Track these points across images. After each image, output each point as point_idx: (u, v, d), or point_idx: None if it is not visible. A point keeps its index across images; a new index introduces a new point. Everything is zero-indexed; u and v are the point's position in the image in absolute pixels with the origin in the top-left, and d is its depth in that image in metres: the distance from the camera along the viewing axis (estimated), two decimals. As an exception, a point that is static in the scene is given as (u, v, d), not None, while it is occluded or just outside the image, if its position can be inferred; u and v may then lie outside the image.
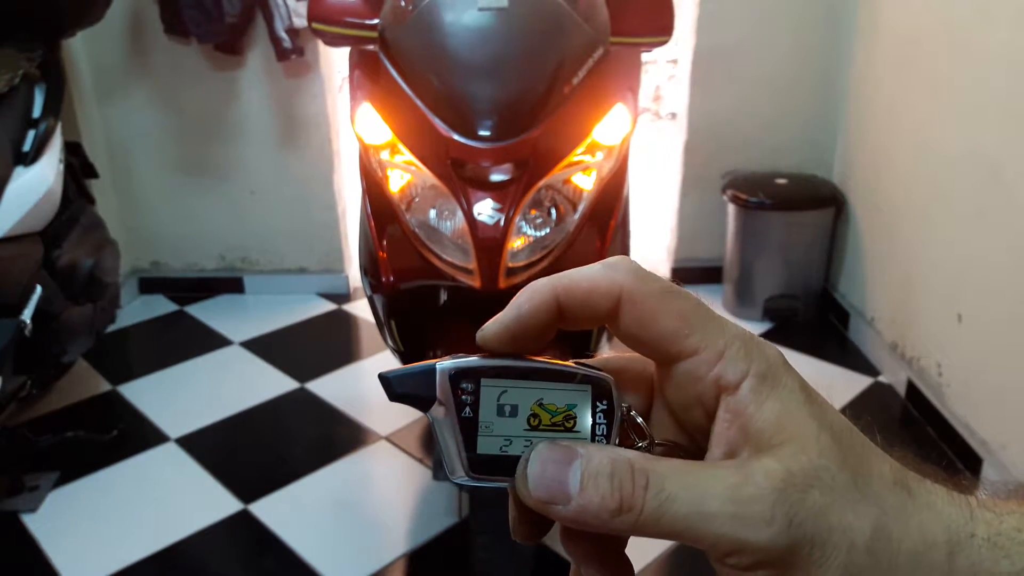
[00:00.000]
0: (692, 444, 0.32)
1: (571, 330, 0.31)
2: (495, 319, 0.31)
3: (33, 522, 1.97)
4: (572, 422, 0.31)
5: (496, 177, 1.43)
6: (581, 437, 0.31)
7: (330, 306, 3.14)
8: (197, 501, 2.04)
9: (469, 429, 0.30)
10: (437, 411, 0.30)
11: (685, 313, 0.30)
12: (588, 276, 0.30)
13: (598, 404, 0.31)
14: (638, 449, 0.31)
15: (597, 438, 0.31)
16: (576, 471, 0.28)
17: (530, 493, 0.28)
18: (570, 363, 0.32)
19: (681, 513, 0.26)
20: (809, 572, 0.26)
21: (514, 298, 0.31)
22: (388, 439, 2.27)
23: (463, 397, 0.30)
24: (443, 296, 1.71)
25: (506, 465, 0.30)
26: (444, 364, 0.30)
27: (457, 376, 0.30)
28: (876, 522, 0.27)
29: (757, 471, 0.27)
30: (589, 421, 0.31)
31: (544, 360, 0.31)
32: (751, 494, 0.26)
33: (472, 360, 0.31)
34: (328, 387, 2.55)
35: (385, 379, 0.31)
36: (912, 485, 0.28)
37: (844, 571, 0.26)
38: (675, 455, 0.30)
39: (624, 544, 0.33)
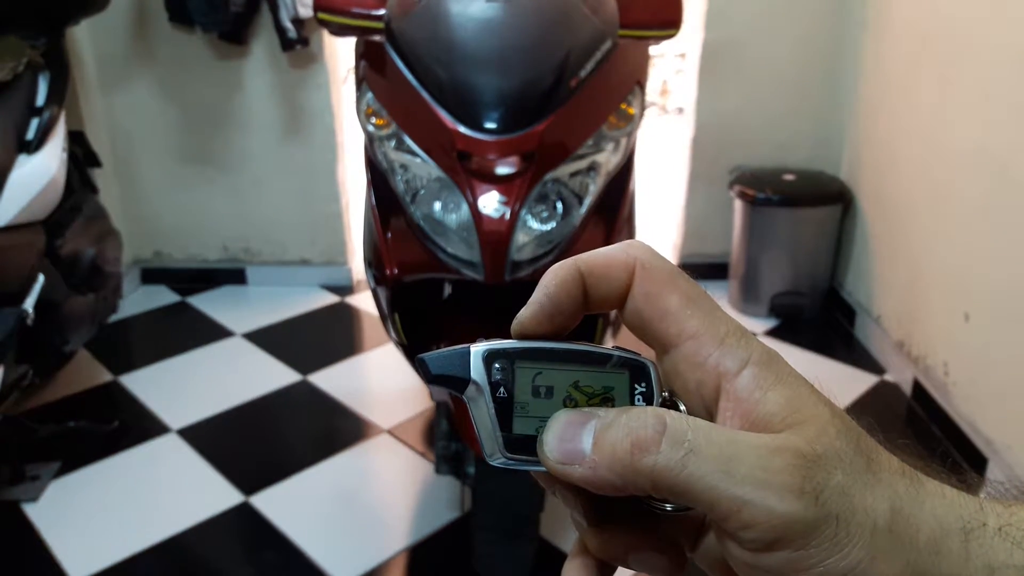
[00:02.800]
0: None
1: (592, 312, 0.31)
2: (527, 304, 0.31)
3: (34, 512, 1.96)
4: (610, 404, 0.30)
5: (502, 170, 1.42)
6: None
7: (333, 298, 3.13)
8: (198, 493, 2.04)
9: (504, 409, 0.30)
10: (472, 392, 0.30)
11: (691, 295, 0.30)
12: (606, 251, 0.31)
13: (636, 387, 0.31)
14: None
15: None
16: (590, 429, 0.28)
17: (547, 455, 0.28)
18: (608, 347, 0.32)
19: (705, 469, 0.26)
20: (831, 552, 0.25)
21: (540, 281, 0.31)
22: (390, 432, 2.26)
23: (498, 378, 0.30)
24: (447, 289, 1.70)
25: None
26: (479, 346, 0.31)
27: (491, 357, 0.30)
28: (893, 504, 0.26)
29: (785, 446, 0.26)
30: (627, 403, 0.30)
31: (580, 343, 0.31)
32: (782, 464, 0.26)
33: (507, 342, 0.31)
34: (330, 380, 2.54)
35: (422, 361, 0.31)
36: (919, 476, 0.28)
37: (867, 551, 0.25)
38: None
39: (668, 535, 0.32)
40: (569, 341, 0.31)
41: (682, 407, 0.31)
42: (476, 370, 0.30)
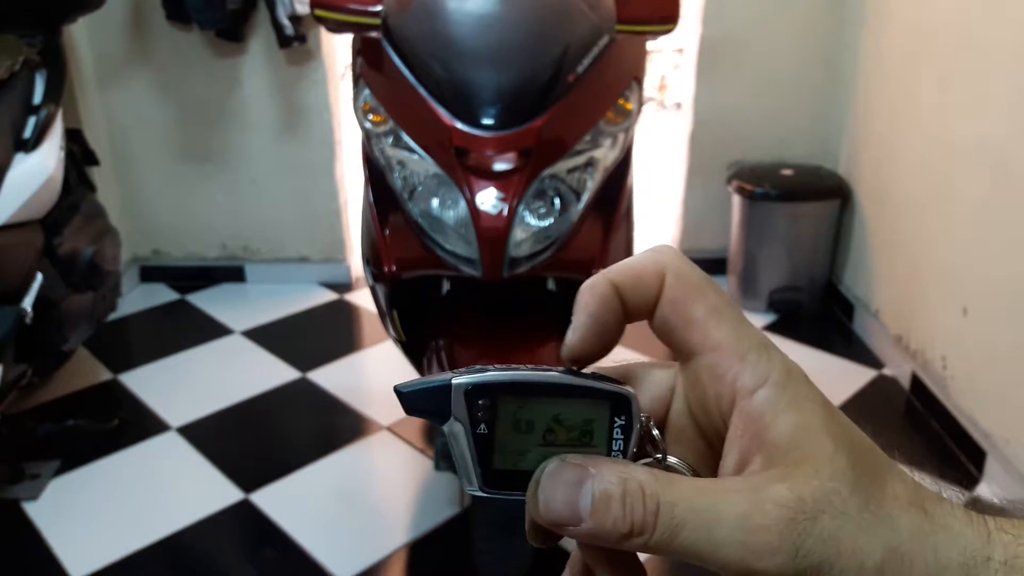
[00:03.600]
0: (709, 450, 0.31)
1: (629, 322, 0.31)
2: (571, 330, 0.31)
3: (34, 510, 1.96)
4: (589, 437, 0.30)
5: (499, 166, 1.42)
6: (597, 451, 0.30)
7: (332, 295, 3.13)
8: (198, 490, 2.04)
9: (484, 445, 0.30)
10: (453, 427, 0.30)
11: (717, 305, 0.30)
12: (635, 260, 0.31)
13: (616, 420, 0.30)
14: (652, 462, 0.31)
15: (613, 453, 0.30)
16: (587, 492, 0.27)
17: (541, 515, 0.28)
18: (590, 376, 0.31)
19: (691, 539, 0.26)
20: None
21: (576, 304, 0.31)
22: (389, 429, 2.26)
23: (479, 413, 0.30)
24: (445, 286, 1.70)
25: (521, 480, 0.30)
26: (460, 380, 0.30)
27: (473, 392, 0.30)
28: (888, 544, 0.26)
29: (767, 498, 0.26)
30: (606, 436, 0.30)
31: (562, 372, 0.31)
32: (759, 523, 0.26)
33: (488, 375, 0.30)
34: (329, 377, 2.54)
35: (401, 394, 0.30)
36: (928, 507, 0.28)
37: None
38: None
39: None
40: (549, 369, 0.31)
41: (656, 433, 0.31)
42: (457, 407, 0.30)
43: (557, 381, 0.31)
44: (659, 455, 0.31)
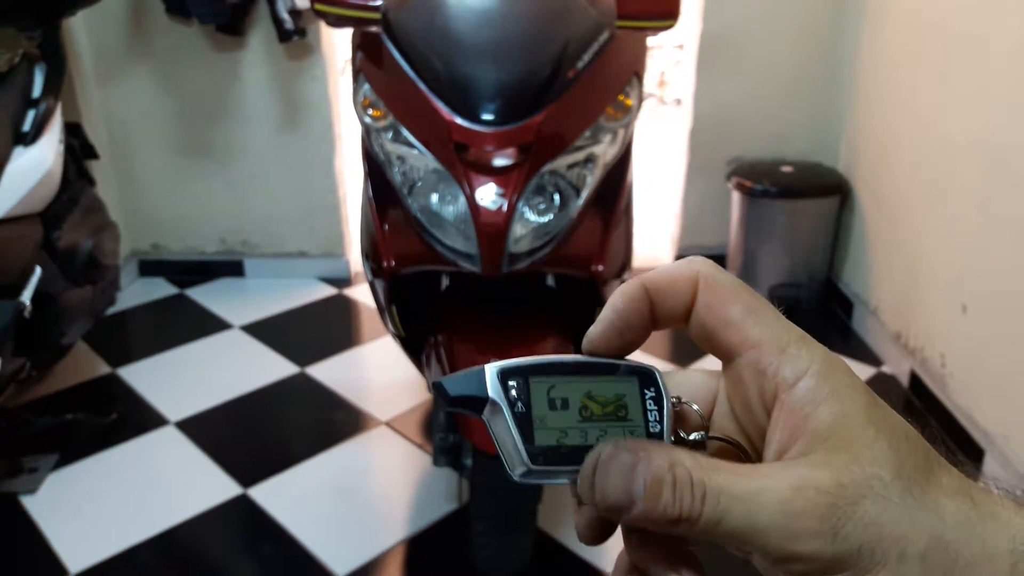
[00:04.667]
0: (754, 452, 0.32)
1: (660, 328, 0.33)
2: (595, 323, 0.32)
3: (32, 504, 1.96)
4: (624, 411, 0.32)
5: (499, 162, 1.42)
6: (635, 425, 0.31)
7: (331, 290, 3.13)
8: (196, 485, 2.04)
9: (524, 423, 0.31)
10: (491, 411, 0.31)
11: (753, 305, 0.31)
12: (669, 267, 0.32)
13: (646, 392, 0.32)
14: (691, 442, 0.32)
15: (651, 425, 0.31)
16: (640, 478, 0.28)
17: (597, 500, 0.29)
18: (610, 358, 0.33)
19: (735, 524, 0.27)
20: None
21: (608, 301, 0.32)
22: (388, 424, 2.26)
23: (514, 394, 0.31)
24: (444, 281, 1.70)
25: (565, 455, 0.31)
26: (492, 365, 0.31)
27: (505, 375, 0.31)
28: (932, 531, 0.26)
29: (808, 485, 0.27)
30: (640, 409, 0.32)
31: (585, 355, 0.33)
32: (801, 509, 0.27)
33: (517, 360, 0.32)
34: (328, 372, 2.54)
35: (439, 385, 0.32)
36: (976, 495, 0.28)
37: None
38: (730, 452, 0.31)
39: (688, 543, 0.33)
40: (570, 356, 0.33)
41: (696, 407, 0.33)
42: (493, 388, 0.31)
43: (581, 360, 0.32)
44: (697, 434, 0.32)
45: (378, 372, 2.60)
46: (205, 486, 2.03)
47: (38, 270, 1.87)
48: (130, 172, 3.11)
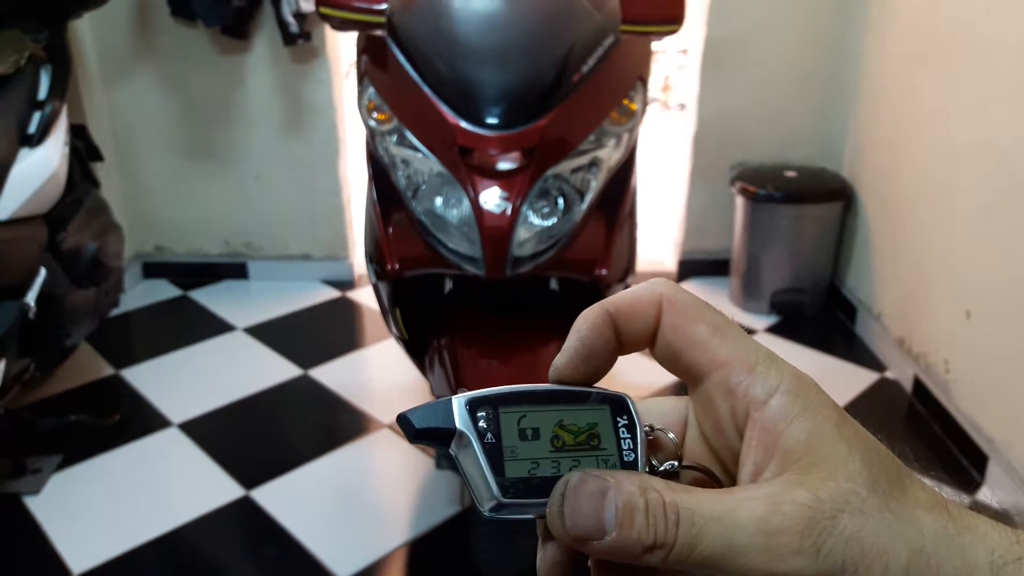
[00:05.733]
0: (726, 476, 0.31)
1: (626, 352, 0.32)
2: (561, 352, 0.32)
3: (35, 505, 1.97)
4: (597, 440, 0.31)
5: (503, 166, 1.42)
6: (609, 454, 0.30)
7: (334, 293, 3.13)
8: (199, 487, 2.04)
9: (495, 454, 0.30)
10: (460, 443, 0.30)
11: (718, 324, 0.30)
12: (632, 291, 0.32)
13: (618, 420, 0.31)
14: (664, 472, 0.31)
15: (625, 454, 0.31)
16: (611, 504, 0.27)
17: (566, 529, 0.28)
18: (581, 386, 0.32)
19: (711, 547, 0.26)
20: None
21: (572, 327, 0.32)
22: (391, 427, 2.26)
23: (483, 425, 0.30)
24: (448, 285, 1.70)
25: (536, 487, 0.29)
26: (459, 396, 0.30)
27: (474, 405, 0.30)
28: (913, 544, 0.26)
29: (785, 500, 0.26)
30: (613, 438, 0.31)
31: (556, 384, 0.32)
32: (779, 525, 0.26)
33: (485, 390, 0.31)
34: (331, 374, 2.54)
35: (404, 418, 0.31)
36: (952, 509, 0.28)
37: None
38: (704, 481, 0.30)
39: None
40: (544, 384, 0.32)
41: (671, 436, 0.32)
42: (461, 419, 0.30)
43: (552, 389, 0.31)
44: (675, 462, 0.31)
45: (381, 375, 2.60)
46: (208, 488, 2.03)
47: (43, 271, 1.88)
48: (135, 174, 3.12)
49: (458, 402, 0.30)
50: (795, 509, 0.26)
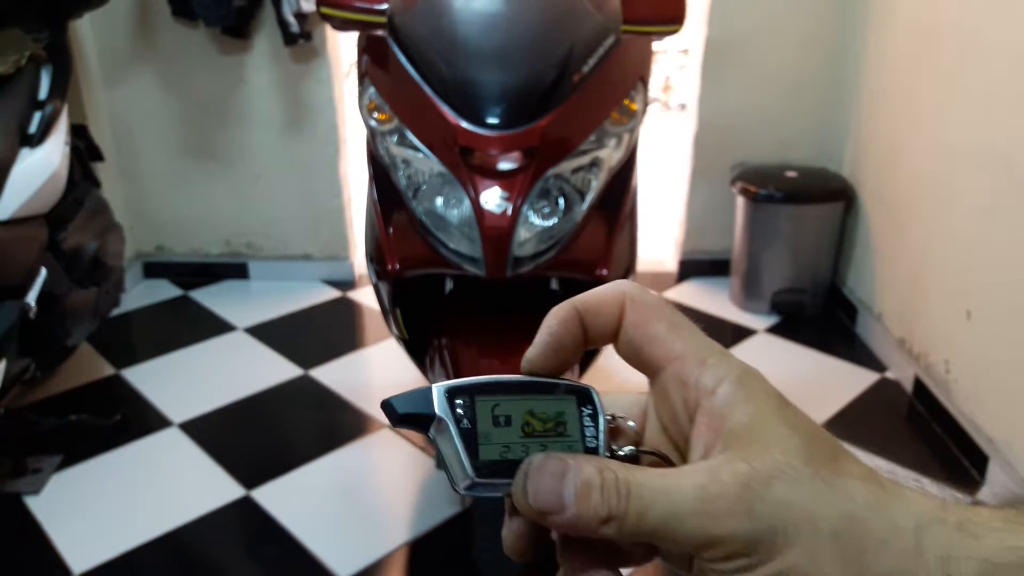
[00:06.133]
0: (681, 460, 0.34)
1: (592, 347, 0.35)
2: (533, 344, 0.35)
3: (36, 504, 1.97)
4: (563, 427, 0.34)
5: (504, 166, 1.42)
6: (573, 441, 0.33)
7: (335, 293, 3.13)
8: (199, 486, 2.04)
9: (469, 438, 0.32)
10: (438, 427, 0.33)
11: (675, 321, 0.33)
12: (599, 290, 0.35)
13: (583, 410, 0.34)
14: (623, 456, 0.34)
15: (588, 440, 0.33)
16: (571, 482, 0.30)
17: (529, 504, 0.31)
18: (552, 378, 0.35)
19: (657, 516, 0.29)
20: (769, 556, 0.28)
21: (543, 322, 0.35)
22: (391, 427, 2.26)
23: (460, 411, 0.33)
24: (449, 285, 1.70)
25: (507, 468, 0.32)
26: (438, 385, 0.33)
27: (452, 393, 0.33)
28: (843, 509, 0.28)
29: (724, 471, 0.29)
30: (578, 426, 0.34)
31: (529, 376, 0.35)
32: (717, 492, 0.28)
33: (463, 379, 0.33)
34: (332, 374, 2.54)
35: (387, 404, 0.33)
36: (884, 481, 0.30)
37: (809, 555, 0.27)
38: (661, 465, 0.33)
39: (620, 563, 0.35)
40: (518, 375, 0.35)
41: (631, 424, 0.35)
42: (440, 406, 0.33)
43: (524, 380, 0.34)
44: (633, 447, 0.34)
45: (381, 375, 2.60)
46: (208, 488, 2.03)
47: (43, 271, 1.88)
48: (135, 174, 3.12)
49: (438, 390, 0.33)
50: (732, 477, 0.28)
